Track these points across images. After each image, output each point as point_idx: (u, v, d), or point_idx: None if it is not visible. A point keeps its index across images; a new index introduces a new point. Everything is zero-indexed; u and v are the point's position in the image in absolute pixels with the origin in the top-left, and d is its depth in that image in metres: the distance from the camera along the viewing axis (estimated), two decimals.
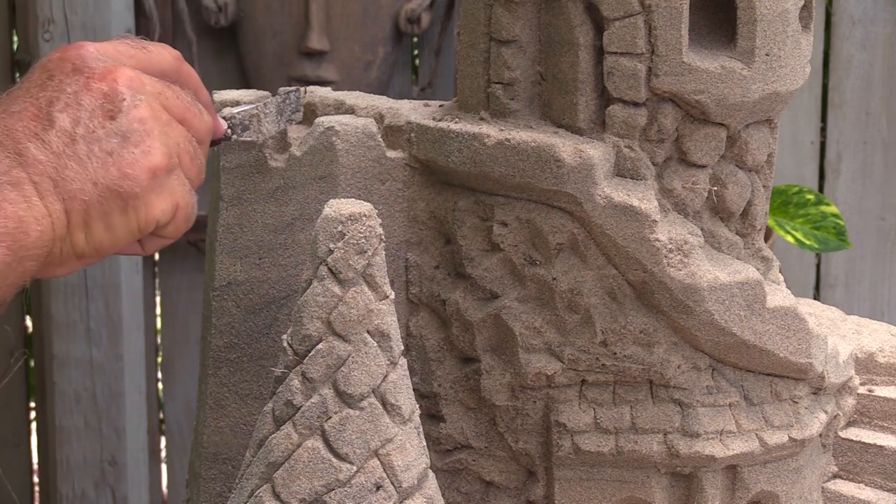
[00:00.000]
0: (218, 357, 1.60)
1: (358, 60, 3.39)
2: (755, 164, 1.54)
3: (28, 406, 3.59)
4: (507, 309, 1.54)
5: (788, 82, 1.49)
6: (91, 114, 1.28)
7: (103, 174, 1.27)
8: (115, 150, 1.28)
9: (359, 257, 1.32)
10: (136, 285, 3.34)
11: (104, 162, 1.28)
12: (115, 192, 1.28)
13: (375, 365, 1.33)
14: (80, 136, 1.27)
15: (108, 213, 1.28)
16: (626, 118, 1.48)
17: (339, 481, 1.32)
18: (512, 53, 1.52)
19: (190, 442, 3.11)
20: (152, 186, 1.31)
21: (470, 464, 1.61)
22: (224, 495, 1.62)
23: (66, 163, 1.26)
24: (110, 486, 3.37)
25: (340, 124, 1.56)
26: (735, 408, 1.55)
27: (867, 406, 1.70)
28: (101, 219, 1.28)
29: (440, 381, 1.60)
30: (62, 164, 1.26)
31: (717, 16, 1.48)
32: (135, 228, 1.31)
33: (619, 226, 1.47)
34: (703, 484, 1.54)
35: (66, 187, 1.25)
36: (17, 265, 1.21)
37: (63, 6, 3.15)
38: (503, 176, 1.50)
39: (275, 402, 1.35)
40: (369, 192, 1.58)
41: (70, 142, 1.26)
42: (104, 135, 1.28)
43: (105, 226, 1.29)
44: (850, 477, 1.68)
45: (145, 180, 1.30)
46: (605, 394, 1.55)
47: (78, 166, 1.26)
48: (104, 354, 3.30)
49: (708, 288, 1.47)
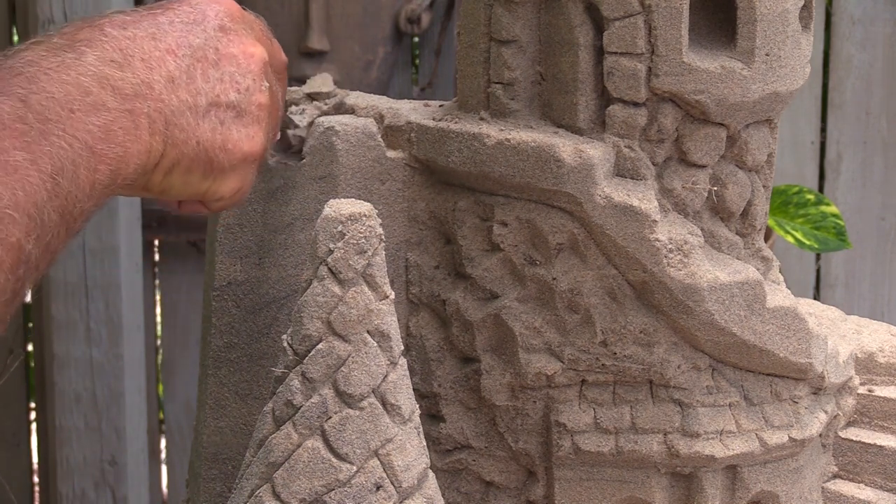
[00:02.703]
0: (218, 357, 1.60)
1: (358, 60, 3.39)
2: (755, 164, 1.54)
3: (28, 406, 3.59)
4: (507, 309, 1.54)
5: (788, 82, 1.49)
6: (221, 78, 1.31)
7: (209, 138, 1.30)
8: (227, 123, 1.32)
9: (359, 257, 1.32)
10: (136, 285, 3.34)
11: (214, 128, 1.31)
12: (208, 158, 1.31)
13: (375, 365, 1.33)
14: (205, 93, 1.30)
15: (192, 170, 1.31)
16: (626, 118, 1.48)
17: (339, 481, 1.32)
18: (512, 53, 1.52)
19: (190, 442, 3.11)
20: (238, 168, 1.35)
21: (470, 464, 1.61)
22: (224, 495, 1.62)
23: (184, 111, 1.28)
24: (110, 486, 3.37)
25: (340, 124, 1.57)
26: (735, 408, 1.55)
27: (867, 406, 1.70)
28: (185, 173, 1.31)
29: (440, 381, 1.60)
30: (181, 111, 1.28)
31: (717, 16, 1.48)
32: (202, 192, 1.35)
33: (619, 226, 1.47)
34: (703, 484, 1.54)
35: (174, 134, 1.28)
36: (110, 190, 1.23)
37: (63, 6, 3.15)
38: (503, 176, 1.50)
39: (275, 402, 1.35)
40: (369, 192, 1.58)
41: (195, 94, 1.29)
42: (225, 103, 1.32)
43: (183, 180, 1.31)
44: (850, 477, 1.68)
45: (238, 161, 1.34)
46: (605, 394, 1.55)
47: (193, 120, 1.29)
48: (104, 354, 3.30)
49: (708, 288, 1.47)
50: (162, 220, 3.43)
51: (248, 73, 1.34)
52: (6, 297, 1.10)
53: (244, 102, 1.33)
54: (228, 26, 1.34)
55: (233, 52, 1.33)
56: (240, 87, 1.33)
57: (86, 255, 3.24)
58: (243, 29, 1.36)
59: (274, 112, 1.39)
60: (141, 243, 3.35)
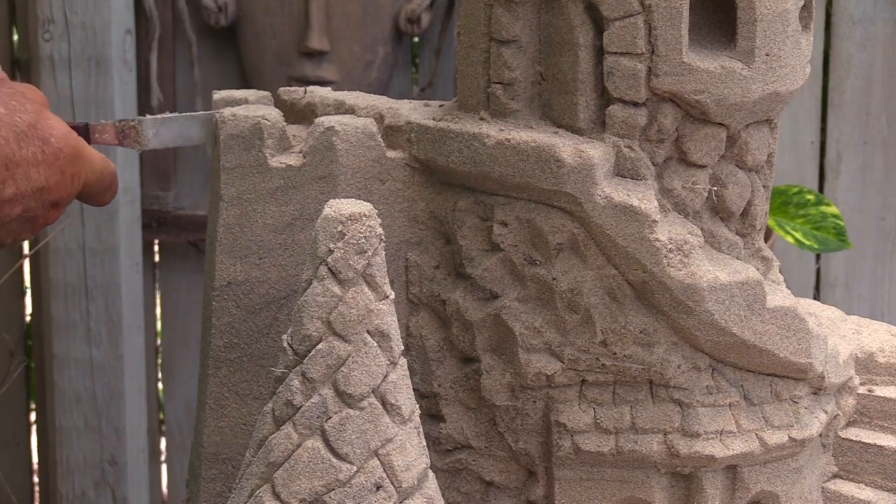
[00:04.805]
0: (218, 357, 1.60)
1: (358, 60, 3.39)
2: (755, 164, 1.54)
3: (28, 406, 3.59)
4: (507, 309, 1.54)
5: (788, 82, 1.49)
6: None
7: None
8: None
9: (359, 257, 1.32)
10: (136, 285, 3.34)
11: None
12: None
13: (375, 365, 1.33)
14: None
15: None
16: (626, 118, 1.48)
17: (339, 481, 1.32)
18: (512, 53, 1.52)
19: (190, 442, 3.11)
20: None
21: (470, 464, 1.61)
22: (224, 495, 1.62)
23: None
24: (110, 486, 3.37)
25: (340, 124, 1.57)
26: (735, 408, 1.55)
27: (867, 406, 1.70)
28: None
29: (440, 381, 1.60)
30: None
31: (717, 16, 1.48)
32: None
33: (619, 226, 1.47)
34: (703, 484, 1.54)
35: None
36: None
37: (63, 6, 3.15)
38: (503, 176, 1.50)
39: (275, 402, 1.35)
40: (369, 192, 1.58)
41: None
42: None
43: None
44: (850, 477, 1.68)
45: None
46: (605, 394, 1.55)
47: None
48: (104, 354, 3.30)
49: (708, 288, 1.47)
50: (162, 220, 3.43)
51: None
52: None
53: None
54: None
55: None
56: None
57: (86, 255, 3.24)
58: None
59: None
60: (141, 243, 3.35)
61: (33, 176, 1.46)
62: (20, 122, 1.45)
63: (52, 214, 1.51)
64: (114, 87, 3.18)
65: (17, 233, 1.50)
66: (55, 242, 3.20)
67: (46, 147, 1.47)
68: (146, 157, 3.39)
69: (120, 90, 3.20)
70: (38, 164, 1.46)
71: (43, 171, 1.47)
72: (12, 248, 3.40)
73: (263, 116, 1.57)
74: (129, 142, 1.62)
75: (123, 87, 3.21)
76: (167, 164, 3.43)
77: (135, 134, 1.62)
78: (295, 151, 1.58)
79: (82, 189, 1.54)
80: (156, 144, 1.63)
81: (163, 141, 1.63)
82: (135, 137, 1.62)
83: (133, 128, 1.62)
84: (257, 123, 1.56)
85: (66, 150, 1.49)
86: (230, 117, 1.56)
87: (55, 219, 1.52)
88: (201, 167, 3.46)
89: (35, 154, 1.46)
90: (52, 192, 1.49)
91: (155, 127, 1.63)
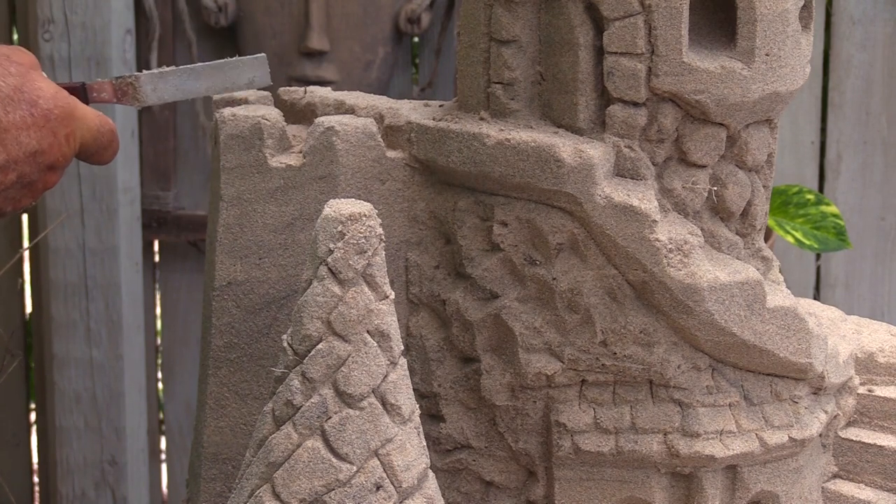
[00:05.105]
0: (218, 357, 1.60)
1: (358, 60, 3.39)
2: (755, 164, 1.54)
3: (28, 406, 3.59)
4: (507, 309, 1.54)
5: (788, 82, 1.49)
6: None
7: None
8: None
9: (359, 257, 1.32)
10: (136, 285, 3.34)
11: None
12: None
13: (375, 365, 1.33)
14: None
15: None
16: (626, 118, 1.48)
17: (339, 481, 1.32)
18: (512, 53, 1.52)
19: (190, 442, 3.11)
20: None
21: (470, 464, 1.61)
22: (224, 495, 1.62)
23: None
24: (110, 486, 3.37)
25: (340, 124, 1.57)
26: (735, 408, 1.55)
27: (867, 406, 1.70)
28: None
29: (440, 381, 1.60)
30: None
31: (717, 16, 1.48)
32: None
33: (619, 226, 1.47)
34: (703, 484, 1.54)
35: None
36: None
37: (63, 6, 3.15)
38: (503, 176, 1.50)
39: (275, 402, 1.35)
40: (369, 192, 1.58)
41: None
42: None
43: None
44: (850, 477, 1.68)
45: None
46: (605, 394, 1.55)
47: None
48: (104, 354, 3.30)
49: (708, 288, 1.47)
50: (162, 220, 3.43)
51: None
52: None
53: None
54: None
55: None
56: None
57: (86, 255, 3.24)
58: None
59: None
60: (141, 243, 3.35)
61: (24, 140, 1.44)
62: (4, 85, 1.43)
63: (50, 178, 1.49)
64: None
65: (17, 200, 1.48)
66: (55, 242, 3.20)
67: (35, 109, 1.45)
68: (146, 156, 3.39)
69: None
70: (29, 128, 1.44)
71: (34, 134, 1.45)
72: (11, 245, 3.40)
73: (263, 116, 1.57)
74: (128, 99, 1.59)
75: None
76: (167, 163, 3.43)
77: (133, 90, 1.60)
78: (295, 151, 1.58)
79: (79, 149, 1.51)
80: (154, 100, 1.60)
81: (161, 96, 1.60)
82: (133, 94, 1.60)
83: (131, 84, 1.60)
84: (257, 123, 1.56)
85: (57, 110, 1.46)
86: (230, 117, 1.56)
87: (54, 182, 1.50)
88: (201, 167, 3.46)
89: (24, 117, 1.44)
90: (47, 155, 1.46)
91: (153, 82, 1.60)
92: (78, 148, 1.51)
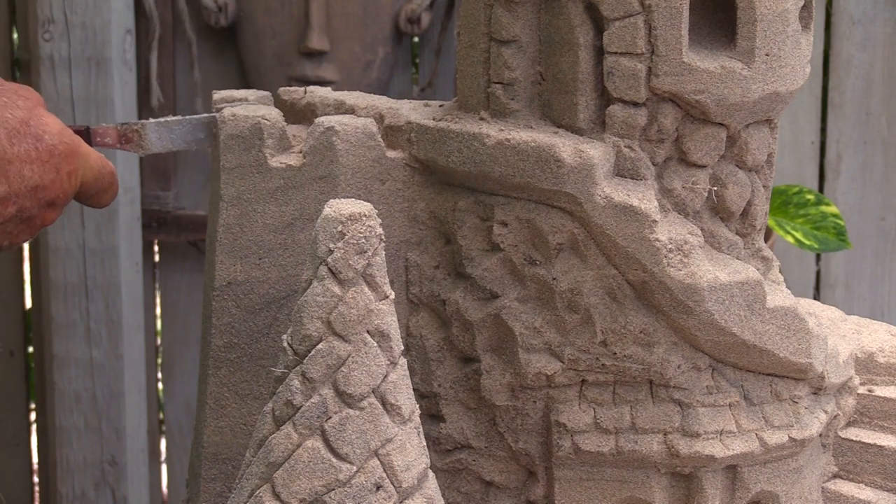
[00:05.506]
0: (218, 357, 1.60)
1: (358, 60, 3.39)
2: (755, 164, 1.54)
3: (28, 406, 3.59)
4: (507, 309, 1.54)
5: (788, 82, 1.49)
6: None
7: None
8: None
9: (359, 257, 1.32)
10: (136, 285, 3.34)
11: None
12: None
13: (375, 365, 1.33)
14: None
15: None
16: (626, 118, 1.48)
17: (339, 481, 1.32)
18: (512, 53, 1.52)
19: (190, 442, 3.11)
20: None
21: (470, 464, 1.61)
22: (224, 495, 1.62)
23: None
24: (110, 486, 3.37)
25: (340, 124, 1.56)
26: (735, 408, 1.55)
27: (867, 406, 1.70)
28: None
29: (440, 381, 1.60)
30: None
31: (717, 16, 1.48)
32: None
33: (619, 226, 1.47)
34: (703, 484, 1.54)
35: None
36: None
37: (63, 6, 3.15)
38: (503, 176, 1.50)
39: (275, 402, 1.35)
40: (369, 192, 1.58)
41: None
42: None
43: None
44: (850, 477, 1.68)
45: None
46: (605, 394, 1.55)
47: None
48: (104, 354, 3.30)
49: (708, 288, 1.47)
50: (162, 220, 3.43)
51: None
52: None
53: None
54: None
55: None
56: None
57: (86, 255, 3.24)
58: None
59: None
60: (141, 243, 3.35)
61: (27, 174, 1.44)
62: (11, 118, 1.43)
63: (49, 215, 1.48)
64: (114, 87, 3.18)
65: (14, 234, 1.47)
66: (55, 242, 3.20)
67: (40, 144, 1.45)
68: (147, 156, 3.39)
69: (120, 90, 3.20)
70: (32, 162, 1.44)
71: (37, 168, 1.44)
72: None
73: (263, 116, 1.57)
74: (132, 146, 1.60)
75: (123, 87, 3.21)
76: (167, 164, 3.43)
77: (137, 138, 1.60)
78: (295, 151, 1.58)
79: (80, 189, 1.51)
80: (158, 148, 1.61)
81: (165, 145, 1.61)
82: (137, 141, 1.60)
83: (136, 132, 1.60)
84: (257, 123, 1.56)
85: (61, 146, 1.46)
86: (230, 117, 1.56)
87: (53, 220, 1.49)
88: (201, 167, 3.46)
89: (28, 151, 1.44)
90: (48, 191, 1.46)
91: (158, 131, 1.61)
92: (79, 187, 1.51)
